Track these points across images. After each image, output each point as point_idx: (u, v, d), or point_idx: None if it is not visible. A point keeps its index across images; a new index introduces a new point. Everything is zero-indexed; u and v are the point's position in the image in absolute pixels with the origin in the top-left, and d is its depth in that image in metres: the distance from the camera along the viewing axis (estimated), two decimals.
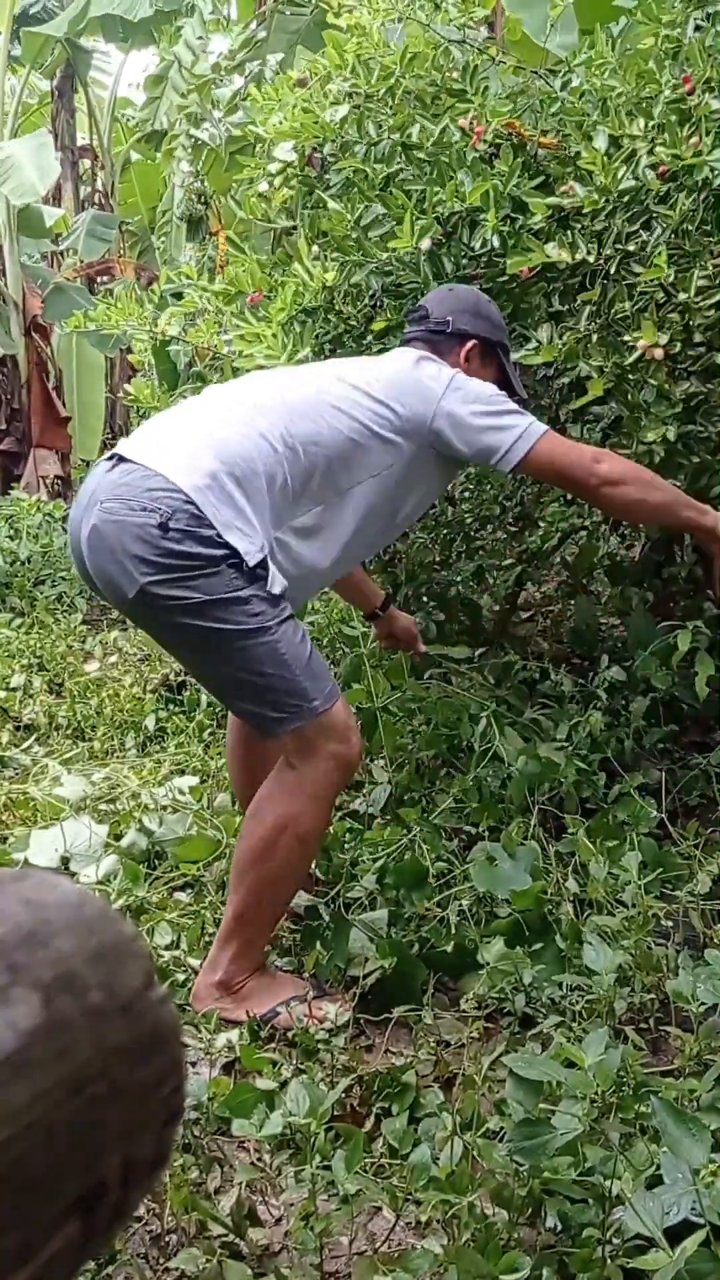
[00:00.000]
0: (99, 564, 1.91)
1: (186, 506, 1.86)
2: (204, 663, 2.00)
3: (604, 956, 1.86)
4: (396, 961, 2.01)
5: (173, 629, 1.92)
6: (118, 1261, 1.47)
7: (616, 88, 2.44)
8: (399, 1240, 1.52)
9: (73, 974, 0.53)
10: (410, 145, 2.63)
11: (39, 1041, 0.50)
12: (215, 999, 2.03)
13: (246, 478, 1.94)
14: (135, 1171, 0.55)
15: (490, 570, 3.20)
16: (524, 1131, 1.49)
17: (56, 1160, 0.49)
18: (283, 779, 2.02)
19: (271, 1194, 1.61)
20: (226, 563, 1.87)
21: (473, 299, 2.36)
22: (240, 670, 1.93)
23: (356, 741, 2.02)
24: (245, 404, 2.05)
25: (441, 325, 2.30)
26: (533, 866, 2.26)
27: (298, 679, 1.93)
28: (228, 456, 1.93)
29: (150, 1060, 0.55)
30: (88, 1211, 0.51)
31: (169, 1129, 0.58)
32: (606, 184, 2.34)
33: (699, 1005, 1.78)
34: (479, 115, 2.53)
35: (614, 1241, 1.38)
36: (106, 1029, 0.53)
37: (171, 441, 1.97)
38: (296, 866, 2.04)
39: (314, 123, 2.71)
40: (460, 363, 2.28)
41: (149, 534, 1.84)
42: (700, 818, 2.64)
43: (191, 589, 1.86)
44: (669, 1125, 1.47)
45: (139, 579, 1.85)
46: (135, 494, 1.87)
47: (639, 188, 2.35)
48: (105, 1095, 0.53)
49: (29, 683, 4.14)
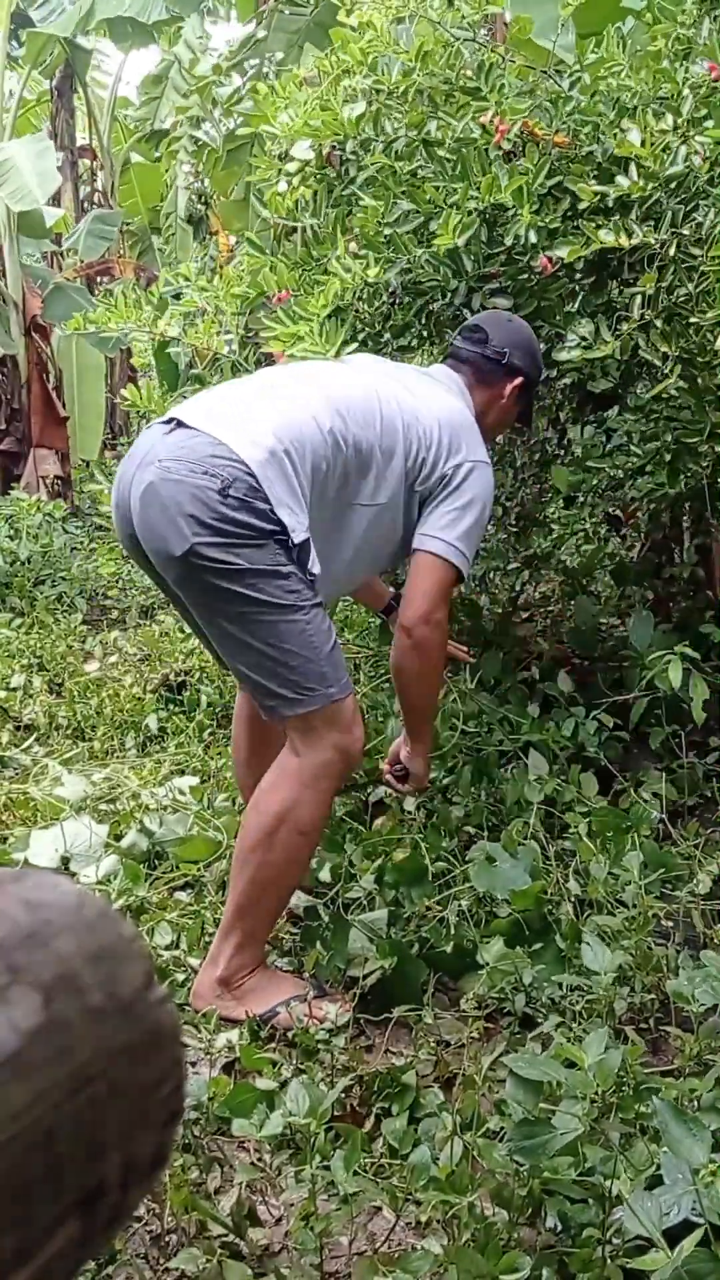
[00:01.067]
0: (150, 519, 1.93)
1: (247, 477, 1.90)
2: (233, 631, 1.99)
3: (603, 956, 1.86)
4: (397, 961, 2.01)
5: (211, 591, 1.94)
6: (118, 1261, 1.47)
7: (632, 87, 2.44)
8: (399, 1240, 1.52)
9: (73, 974, 0.53)
10: (431, 142, 2.63)
11: (39, 1042, 0.50)
12: (216, 996, 2.03)
13: (301, 460, 1.97)
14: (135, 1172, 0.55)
15: (494, 572, 3.20)
16: (524, 1131, 1.49)
17: (56, 1161, 0.49)
18: (284, 767, 2.04)
19: (271, 1194, 1.61)
20: (274, 537, 1.91)
21: (528, 335, 2.42)
22: (267, 644, 1.95)
23: (359, 735, 2.04)
24: (308, 389, 2.09)
25: (499, 355, 2.35)
26: (533, 866, 2.26)
27: (320, 663, 1.96)
28: (288, 436, 1.97)
29: (150, 1060, 0.55)
30: (87, 1212, 0.51)
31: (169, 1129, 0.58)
32: (655, 169, 2.34)
33: (699, 1005, 1.78)
34: (500, 113, 2.53)
35: (614, 1241, 1.38)
36: (106, 1029, 0.52)
37: (234, 413, 2.00)
38: (296, 858, 2.04)
39: (333, 120, 2.70)
40: (503, 394, 2.36)
41: (208, 496, 1.88)
42: (700, 818, 2.64)
43: (238, 555, 1.89)
44: (669, 1125, 1.47)
45: (190, 537, 1.88)
46: (198, 457, 1.91)
47: (685, 173, 2.35)
48: (105, 1095, 0.53)
49: (29, 683, 4.13)
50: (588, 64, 2.52)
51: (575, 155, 2.51)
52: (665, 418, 2.59)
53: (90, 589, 5.91)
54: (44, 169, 7.20)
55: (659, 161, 2.33)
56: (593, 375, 2.73)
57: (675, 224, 2.38)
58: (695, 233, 2.37)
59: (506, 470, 2.99)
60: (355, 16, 2.71)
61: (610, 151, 2.45)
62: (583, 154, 2.49)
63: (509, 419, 2.47)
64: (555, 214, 2.47)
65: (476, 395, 2.36)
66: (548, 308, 2.62)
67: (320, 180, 2.83)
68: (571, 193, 2.47)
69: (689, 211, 2.39)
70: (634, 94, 2.46)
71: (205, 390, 2.20)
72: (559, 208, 2.48)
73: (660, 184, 2.37)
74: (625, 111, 2.43)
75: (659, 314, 2.40)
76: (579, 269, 2.55)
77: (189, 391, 3.19)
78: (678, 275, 2.39)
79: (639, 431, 2.67)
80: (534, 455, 2.97)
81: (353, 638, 3.46)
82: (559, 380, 2.72)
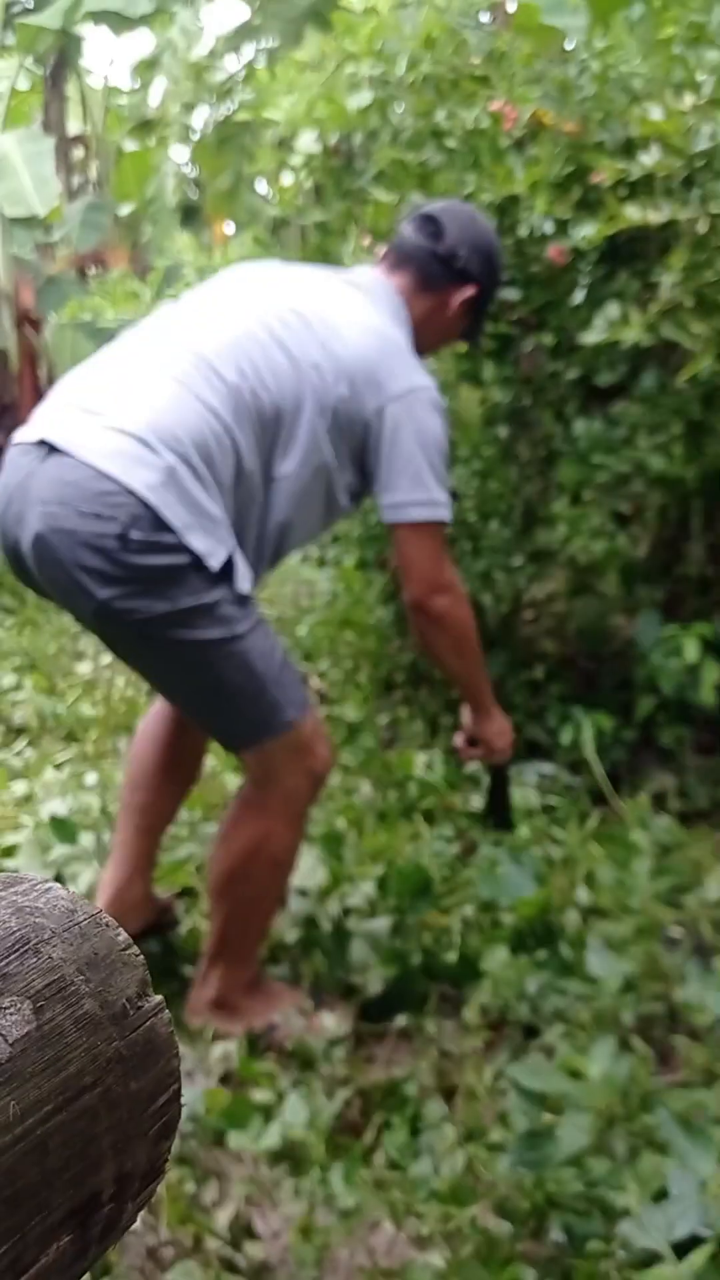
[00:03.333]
0: (51, 575, 1.70)
1: (145, 513, 1.64)
2: (168, 676, 1.83)
3: (609, 964, 1.83)
4: (398, 970, 1.98)
5: (135, 640, 1.75)
6: (113, 1275, 1.44)
7: (644, 73, 2.40)
8: (400, 1254, 1.49)
9: (64, 982, 0.51)
10: (440, 132, 2.59)
11: (30, 1052, 0.48)
12: (210, 1014, 1.94)
13: (198, 463, 1.70)
14: (130, 1184, 0.53)
15: (498, 570, 3.18)
16: (528, 1143, 1.47)
17: (49, 1173, 0.47)
18: (248, 800, 1.88)
19: (269, 1207, 1.58)
20: (191, 569, 1.68)
21: (490, 238, 2.04)
22: (207, 684, 1.76)
23: (325, 753, 1.87)
24: (184, 357, 1.77)
25: (450, 256, 1.97)
26: (538, 872, 2.23)
27: (269, 691, 1.76)
28: (175, 440, 1.69)
29: (145, 1070, 0.54)
30: (82, 1224, 0.50)
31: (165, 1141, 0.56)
32: (682, 146, 2.29)
33: (708, 1015, 1.75)
34: (510, 100, 2.50)
35: (620, 1255, 1.36)
36: (100, 1039, 0.51)
37: (109, 420, 1.70)
38: (273, 886, 1.92)
39: (339, 110, 2.66)
40: (449, 305, 2.00)
41: (107, 545, 1.64)
42: (710, 822, 2.61)
43: (154, 598, 1.67)
44: (677, 1137, 1.44)
45: (97, 595, 1.66)
46: (84, 498, 1.64)
47: (713, 148, 2.29)
48: (99, 1106, 0.51)
49: (20, 683, 4.11)
50: (597, 51, 2.49)
51: (586, 144, 2.48)
52: (673, 409, 2.56)
53: None
54: (42, 174, 7.16)
55: (684, 138, 2.28)
56: (600, 369, 2.71)
57: (705, 201, 2.32)
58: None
59: (511, 466, 2.97)
60: (359, 1, 2.67)
61: (621, 140, 2.41)
62: (594, 142, 2.46)
63: (451, 335, 2.09)
64: (567, 204, 2.44)
65: (416, 303, 1.98)
66: (557, 300, 2.60)
67: (327, 173, 2.80)
68: (584, 182, 2.44)
69: (717, 189, 2.35)
70: (646, 79, 2.42)
71: (65, 379, 1.90)
72: (570, 197, 2.45)
73: (686, 161, 2.30)
74: (637, 98, 2.39)
75: (688, 293, 2.34)
76: (591, 260, 2.52)
77: None
78: (709, 253, 2.32)
79: (646, 425, 2.64)
80: (539, 450, 2.95)
81: (353, 637, 3.42)
82: (566, 374, 2.70)
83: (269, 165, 2.86)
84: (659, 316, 2.35)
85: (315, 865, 2.32)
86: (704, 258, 2.33)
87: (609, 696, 2.81)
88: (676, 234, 2.36)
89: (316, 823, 2.54)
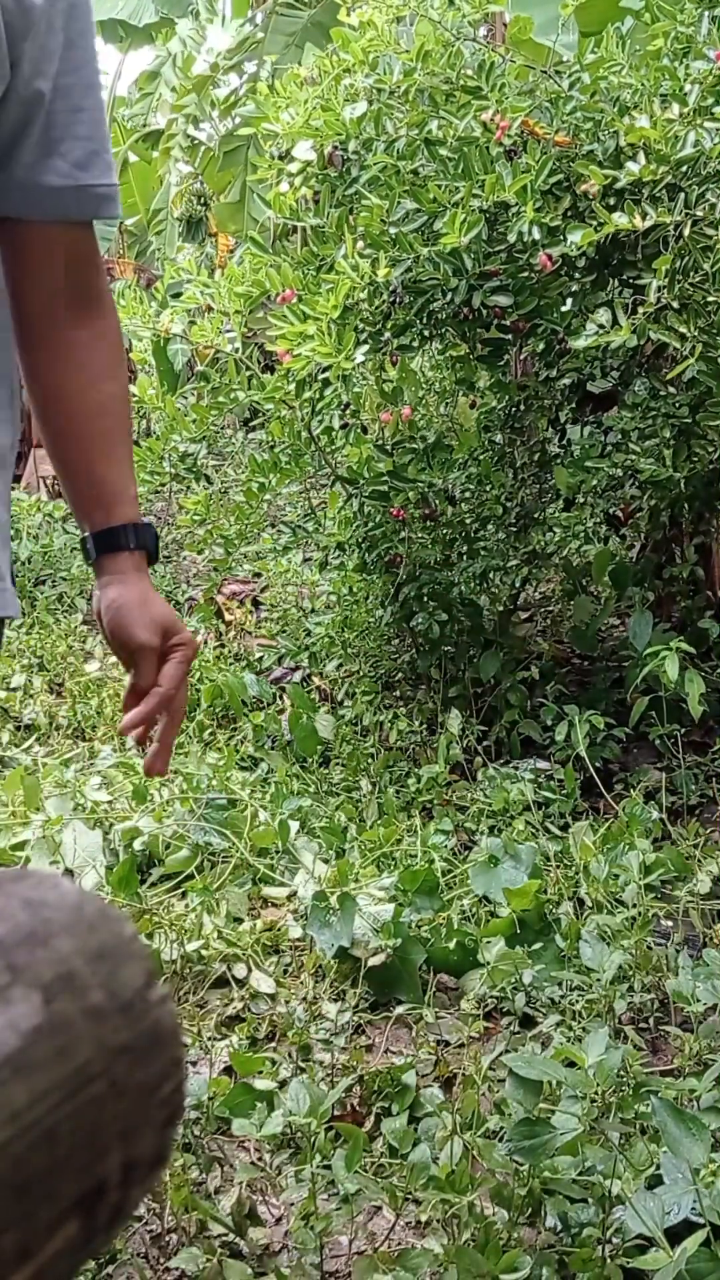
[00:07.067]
0: None
1: None
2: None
3: (603, 956, 1.86)
4: (399, 945, 1.99)
5: None
6: (118, 1261, 1.47)
7: (633, 84, 2.43)
8: (399, 1239, 1.52)
9: (73, 974, 0.53)
10: (433, 141, 2.62)
11: (39, 1042, 0.50)
12: None
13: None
14: (135, 1171, 0.55)
15: (494, 571, 3.20)
16: (524, 1131, 1.49)
17: (56, 1161, 0.49)
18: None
19: (271, 1193, 1.61)
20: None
21: None
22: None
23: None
24: None
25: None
26: (533, 866, 2.26)
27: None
28: None
29: (151, 1060, 0.55)
30: (88, 1211, 0.51)
31: (169, 1129, 0.58)
32: (666, 153, 2.34)
33: (699, 1005, 1.78)
34: (500, 111, 2.53)
35: (614, 1241, 1.38)
36: (107, 1029, 0.53)
37: None
38: None
39: (335, 120, 2.70)
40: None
41: None
42: (700, 817, 2.64)
43: None
44: (669, 1125, 1.47)
45: None
46: None
47: (696, 156, 2.35)
48: (106, 1095, 0.53)
49: (29, 683, 4.13)
50: (587, 63, 2.52)
51: (576, 154, 2.51)
52: (664, 414, 2.59)
53: (90, 589, 5.89)
54: None
55: (670, 145, 2.33)
56: (592, 375, 2.73)
57: (689, 206, 2.37)
58: (709, 214, 2.36)
59: (506, 470, 2.99)
60: (356, 16, 2.71)
61: (610, 150, 2.45)
62: (584, 152, 2.49)
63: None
64: (556, 212, 2.47)
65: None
66: (547, 305, 2.62)
67: (323, 180, 2.83)
68: (573, 191, 2.47)
69: (701, 194, 2.38)
70: (635, 90, 2.45)
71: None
72: (560, 206, 2.48)
73: (671, 168, 2.36)
74: (626, 109, 2.43)
75: (674, 296, 2.38)
76: (580, 265, 2.55)
77: (189, 392, 3.19)
78: (693, 257, 2.37)
79: (637, 429, 2.67)
80: (534, 455, 2.98)
81: (352, 637, 3.44)
82: (559, 380, 2.72)
83: (268, 175, 2.89)
84: (647, 320, 2.38)
85: (315, 861, 2.34)
86: (689, 261, 2.36)
87: (602, 695, 2.83)
88: (663, 239, 2.39)
89: (319, 817, 2.57)
